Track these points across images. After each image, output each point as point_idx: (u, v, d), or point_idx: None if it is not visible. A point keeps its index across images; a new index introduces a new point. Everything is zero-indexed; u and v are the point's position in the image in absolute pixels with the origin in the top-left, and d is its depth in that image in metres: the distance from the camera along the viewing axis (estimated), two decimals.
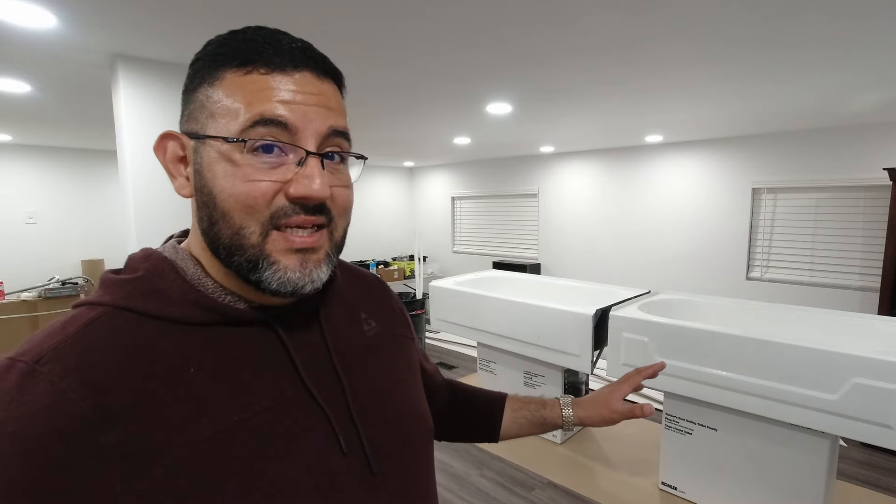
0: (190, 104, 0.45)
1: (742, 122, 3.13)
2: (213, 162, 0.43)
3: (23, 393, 0.36)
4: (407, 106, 2.60)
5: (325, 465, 0.45)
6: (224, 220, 0.43)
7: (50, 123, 3.03)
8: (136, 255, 0.47)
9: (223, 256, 0.44)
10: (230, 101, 0.42)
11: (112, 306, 0.42)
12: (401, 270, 5.41)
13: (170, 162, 0.46)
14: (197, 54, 0.46)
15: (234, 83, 0.42)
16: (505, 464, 2.63)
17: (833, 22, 1.44)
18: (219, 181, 0.42)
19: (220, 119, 0.42)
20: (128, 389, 0.38)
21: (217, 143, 0.42)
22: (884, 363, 1.59)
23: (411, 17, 1.41)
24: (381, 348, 0.57)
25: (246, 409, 0.42)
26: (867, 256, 3.27)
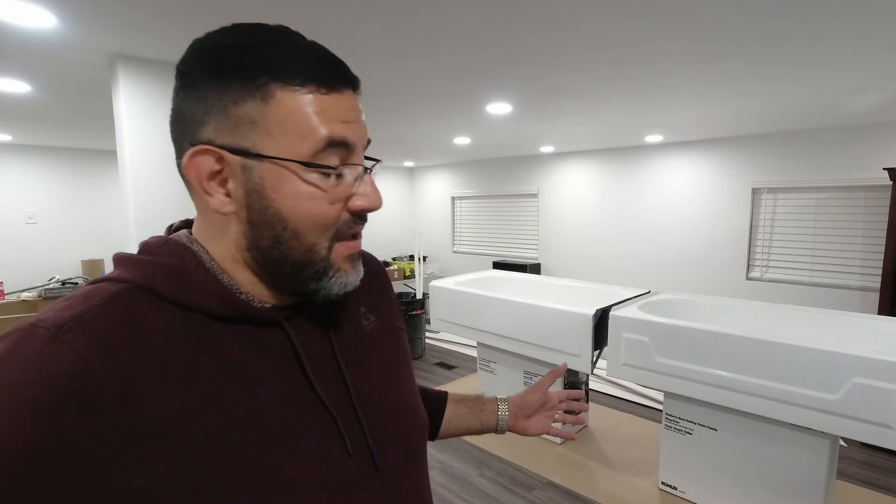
0: (229, 117, 0.42)
1: (742, 122, 3.13)
2: (279, 182, 0.43)
3: (44, 358, 0.36)
4: (407, 106, 2.60)
5: (331, 464, 0.46)
6: (296, 239, 0.44)
7: (50, 123, 3.03)
8: (151, 241, 0.47)
9: (288, 272, 0.46)
10: (292, 122, 0.42)
11: (134, 284, 0.42)
12: (401, 270, 5.41)
13: (205, 179, 0.43)
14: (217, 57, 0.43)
15: (296, 104, 0.42)
16: (505, 464, 2.63)
17: (833, 22, 1.44)
18: (290, 202, 0.43)
19: (282, 139, 0.42)
20: (148, 371, 0.38)
21: (283, 163, 0.42)
22: (884, 363, 1.59)
23: (411, 16, 1.41)
24: (379, 344, 0.57)
25: (255, 404, 0.43)
26: (867, 256, 3.27)
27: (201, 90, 0.42)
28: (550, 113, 2.81)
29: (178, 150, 0.45)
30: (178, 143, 0.45)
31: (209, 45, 0.44)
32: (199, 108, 0.43)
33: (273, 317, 0.46)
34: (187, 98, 0.43)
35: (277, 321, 0.47)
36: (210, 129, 0.42)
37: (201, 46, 0.44)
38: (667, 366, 2.09)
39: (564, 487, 2.39)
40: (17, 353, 0.36)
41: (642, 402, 3.41)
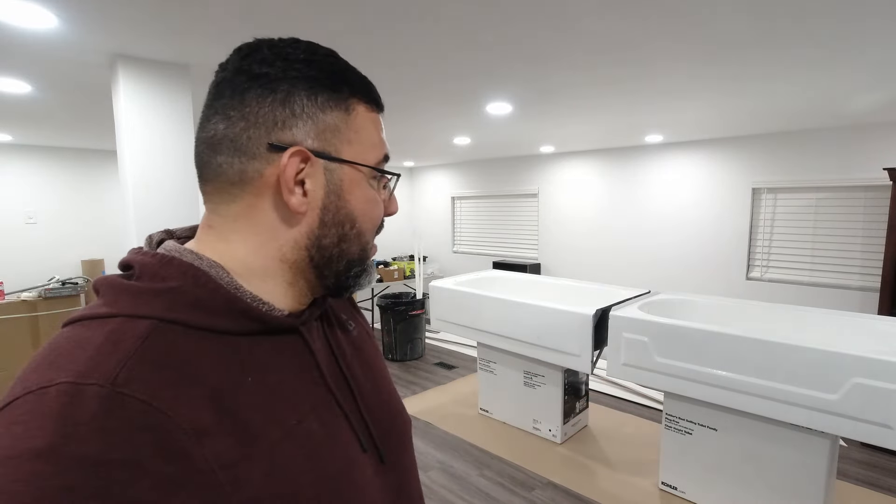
0: (316, 123, 0.46)
1: (742, 122, 3.13)
2: (353, 185, 0.48)
3: (113, 418, 0.34)
4: (407, 106, 2.60)
5: (357, 462, 0.49)
6: (358, 238, 0.49)
7: (50, 123, 3.03)
8: (147, 262, 0.44)
9: (341, 269, 0.50)
10: (366, 134, 0.49)
11: (158, 319, 0.41)
12: (401, 270, 5.41)
13: (292, 178, 0.45)
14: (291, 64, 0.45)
15: (367, 119, 0.49)
16: (505, 464, 2.63)
17: (833, 22, 1.44)
18: (360, 204, 0.49)
19: (358, 147, 0.48)
20: (208, 402, 0.39)
21: (360, 168, 0.48)
22: (884, 363, 1.59)
23: (411, 16, 1.41)
24: (363, 348, 0.60)
25: (296, 412, 0.45)
26: (867, 256, 3.27)
27: (286, 94, 0.45)
28: (550, 113, 2.81)
29: (243, 149, 0.45)
30: (249, 142, 0.45)
31: (287, 52, 0.46)
32: (282, 111, 0.45)
33: (293, 324, 0.48)
34: (269, 100, 0.44)
35: (294, 328, 0.49)
36: (296, 132, 0.45)
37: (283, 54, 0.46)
38: (667, 366, 2.09)
39: (564, 487, 2.39)
40: (79, 419, 0.33)
41: (642, 402, 3.41)
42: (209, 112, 0.46)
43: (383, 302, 4.66)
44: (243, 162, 0.45)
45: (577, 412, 3.00)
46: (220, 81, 0.46)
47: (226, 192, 0.46)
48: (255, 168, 0.45)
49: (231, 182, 0.46)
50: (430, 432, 3.02)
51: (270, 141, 0.44)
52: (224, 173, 0.45)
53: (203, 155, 0.47)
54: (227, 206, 0.46)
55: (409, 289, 5.99)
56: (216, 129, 0.45)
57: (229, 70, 0.46)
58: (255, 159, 0.45)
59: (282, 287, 0.48)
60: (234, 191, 0.46)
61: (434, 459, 2.69)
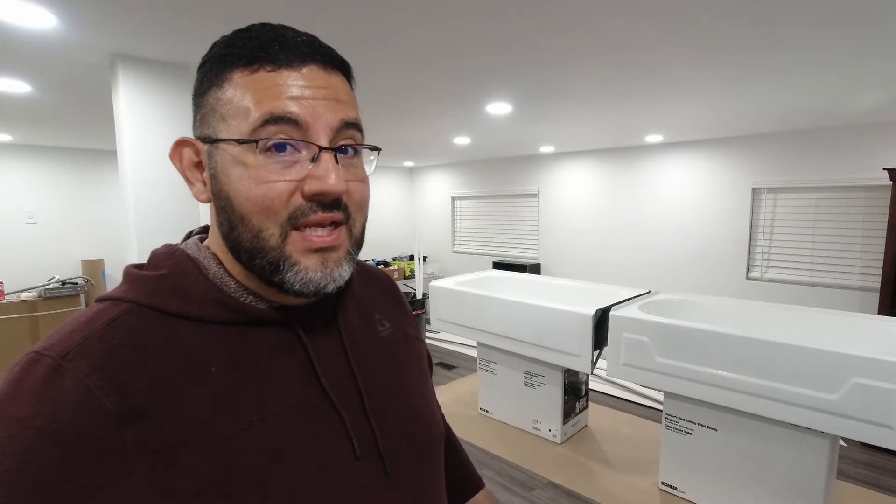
0: (201, 108, 0.45)
1: (742, 122, 3.13)
2: (227, 165, 0.42)
3: (48, 388, 0.36)
4: (407, 106, 2.60)
5: (339, 468, 0.45)
6: (243, 223, 0.42)
7: (50, 123, 3.03)
8: (159, 252, 0.47)
9: (245, 260, 0.44)
10: (239, 101, 0.41)
11: (136, 303, 0.42)
12: (401, 270, 5.41)
13: (186, 168, 0.47)
14: (204, 57, 0.46)
15: (241, 83, 0.42)
16: (505, 464, 2.63)
17: (834, 22, 1.44)
18: (234, 185, 0.42)
19: (231, 121, 0.42)
20: (152, 387, 0.39)
21: (229, 145, 0.42)
22: (884, 363, 1.59)
23: (411, 16, 1.41)
24: (394, 350, 0.57)
25: (265, 409, 0.42)
26: (867, 256, 3.27)
27: (194, 91, 0.47)
28: (550, 113, 2.81)
29: None
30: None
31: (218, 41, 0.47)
32: (195, 108, 0.47)
33: (279, 318, 0.46)
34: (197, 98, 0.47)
35: (288, 322, 0.46)
36: (196, 122, 0.46)
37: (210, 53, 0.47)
38: (667, 366, 2.09)
39: (564, 487, 2.39)
40: (25, 383, 0.37)
41: (642, 402, 3.41)
42: None
43: None
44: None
45: (577, 412, 3.00)
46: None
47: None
48: None
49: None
50: None
51: (196, 133, 0.47)
52: None
53: None
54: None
55: (409, 289, 5.99)
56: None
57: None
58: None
59: (248, 278, 0.47)
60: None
61: None
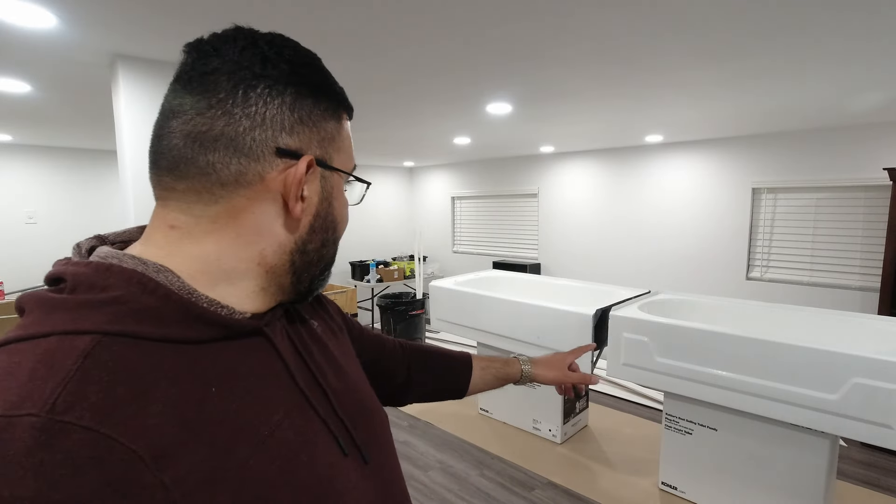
0: (320, 131, 0.47)
1: (742, 122, 3.13)
2: (338, 192, 0.50)
3: (49, 452, 0.30)
4: (407, 106, 2.60)
5: (338, 466, 0.46)
6: (335, 242, 0.51)
7: (50, 123, 3.03)
8: (83, 272, 0.39)
9: (317, 272, 0.50)
10: (348, 144, 0.51)
11: (101, 333, 0.36)
12: (401, 270, 5.41)
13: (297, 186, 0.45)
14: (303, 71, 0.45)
15: (347, 128, 0.51)
16: (505, 464, 2.63)
17: (833, 22, 1.44)
18: (340, 210, 0.51)
19: (344, 155, 0.50)
20: (168, 422, 0.35)
21: (342, 176, 0.50)
22: (884, 363, 1.59)
23: (412, 16, 1.41)
24: (330, 345, 0.58)
25: (268, 421, 0.42)
26: (867, 256, 3.27)
27: (295, 99, 0.45)
28: (550, 113, 2.81)
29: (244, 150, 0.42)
30: (254, 144, 0.43)
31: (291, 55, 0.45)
32: (290, 115, 0.44)
33: (256, 325, 0.45)
34: (273, 101, 0.43)
35: (259, 330, 0.46)
36: (300, 138, 0.45)
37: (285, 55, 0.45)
38: (667, 366, 2.09)
39: (564, 487, 2.39)
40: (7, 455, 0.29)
41: (642, 402, 3.41)
42: (199, 104, 0.42)
43: (383, 302, 4.66)
44: (243, 164, 0.42)
45: (577, 412, 3.00)
46: (211, 71, 0.42)
47: (209, 193, 0.42)
48: (256, 171, 0.43)
49: (222, 182, 0.42)
50: (430, 432, 3.02)
51: (278, 145, 0.43)
52: (216, 173, 0.42)
53: (185, 150, 0.42)
54: (206, 206, 0.43)
55: (409, 289, 5.99)
56: (212, 125, 0.41)
57: (226, 62, 0.42)
58: (258, 162, 0.43)
59: (251, 290, 0.46)
60: (221, 192, 0.43)
61: (434, 459, 2.68)
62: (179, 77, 0.43)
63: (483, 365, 0.90)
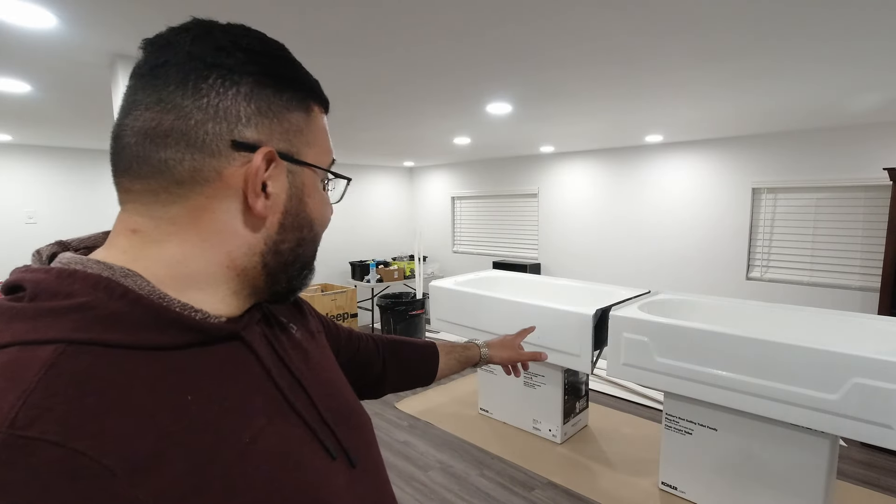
0: (282, 122, 0.43)
1: (742, 122, 3.13)
2: (312, 189, 0.47)
3: (15, 470, 0.28)
4: (407, 105, 2.60)
5: (327, 471, 0.45)
6: (313, 242, 0.49)
7: (50, 123, 3.03)
8: (44, 278, 0.37)
9: (295, 273, 0.48)
10: (323, 137, 0.49)
11: (65, 342, 0.34)
12: (401, 270, 5.41)
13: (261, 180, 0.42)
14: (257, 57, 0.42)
15: (320, 119, 0.49)
16: (505, 464, 2.63)
17: (834, 22, 1.44)
18: (317, 207, 0.48)
19: (316, 149, 0.47)
20: (143, 432, 0.33)
21: (315, 171, 0.47)
22: (884, 363, 1.59)
23: (412, 16, 1.41)
24: (309, 348, 0.57)
25: (250, 427, 0.40)
26: (867, 256, 3.27)
27: (252, 89, 0.42)
28: (550, 113, 2.81)
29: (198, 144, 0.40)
30: (207, 138, 0.40)
31: (249, 44, 0.43)
32: (247, 106, 0.41)
33: (234, 330, 0.44)
34: (227, 92, 0.40)
35: (236, 334, 0.44)
36: (260, 130, 0.42)
37: (241, 44, 0.42)
38: (667, 366, 2.09)
39: (564, 487, 2.39)
40: None
41: (642, 402, 3.41)
42: (148, 98, 0.40)
43: (383, 302, 4.66)
44: (198, 159, 0.40)
45: (577, 412, 3.00)
46: (161, 64, 0.40)
47: (166, 192, 0.40)
48: (213, 167, 0.40)
49: (177, 181, 0.40)
50: (430, 432, 3.01)
51: (234, 138, 0.40)
52: (169, 171, 0.39)
53: (137, 148, 0.40)
54: (164, 207, 0.40)
55: (409, 289, 5.99)
56: (161, 119, 0.39)
57: (177, 53, 0.40)
58: (214, 157, 0.40)
59: (223, 296, 0.44)
60: (178, 191, 0.40)
61: (434, 459, 2.68)
62: (133, 73, 0.41)
63: (447, 350, 0.96)
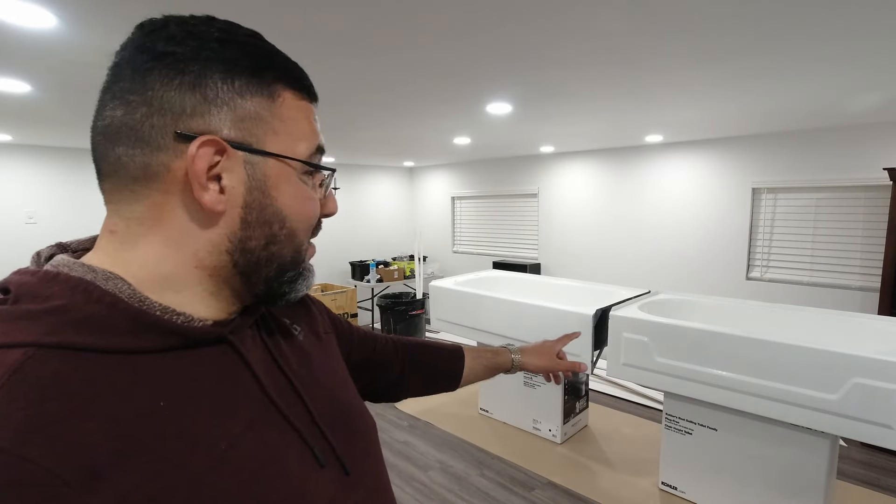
0: (234, 110, 0.40)
1: (742, 122, 3.13)
2: (281, 181, 0.43)
3: None
4: (407, 106, 2.60)
5: (314, 480, 0.44)
6: (290, 239, 0.45)
7: (50, 123, 3.03)
8: (29, 281, 0.38)
9: (272, 274, 0.44)
10: (296, 124, 0.44)
11: (35, 345, 0.34)
12: (401, 270, 5.41)
13: (204, 173, 0.39)
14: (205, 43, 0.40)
15: (294, 106, 0.44)
16: (505, 464, 2.63)
17: (834, 22, 1.44)
18: (290, 201, 0.44)
19: (285, 138, 0.43)
20: (106, 439, 0.33)
21: (283, 162, 0.43)
22: (884, 363, 1.58)
23: (413, 15, 1.41)
24: (313, 352, 0.56)
25: (228, 434, 0.39)
26: (867, 256, 3.27)
27: (197, 77, 0.39)
28: (550, 113, 2.81)
29: (145, 139, 0.39)
30: (153, 131, 0.39)
31: (204, 32, 0.40)
32: (192, 95, 0.39)
33: (219, 333, 0.42)
34: (171, 82, 0.39)
35: (223, 338, 0.43)
36: (209, 120, 0.39)
37: (195, 32, 0.40)
38: (667, 366, 2.09)
39: (564, 487, 2.39)
40: None
41: (642, 402, 3.41)
42: (105, 96, 0.40)
43: (383, 302, 4.66)
44: (146, 154, 0.39)
45: (577, 412, 3.00)
46: (118, 62, 0.41)
47: (128, 190, 0.40)
48: (161, 161, 0.39)
49: (133, 178, 0.39)
50: (430, 432, 3.02)
51: (178, 130, 0.39)
52: (124, 167, 0.39)
53: (99, 147, 0.40)
54: (129, 206, 0.40)
55: (409, 289, 5.99)
56: (113, 115, 0.39)
57: (129, 48, 0.40)
58: (161, 151, 0.39)
59: (201, 297, 0.43)
60: (137, 188, 0.40)
61: (434, 459, 2.68)
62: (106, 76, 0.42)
63: (474, 355, 0.90)
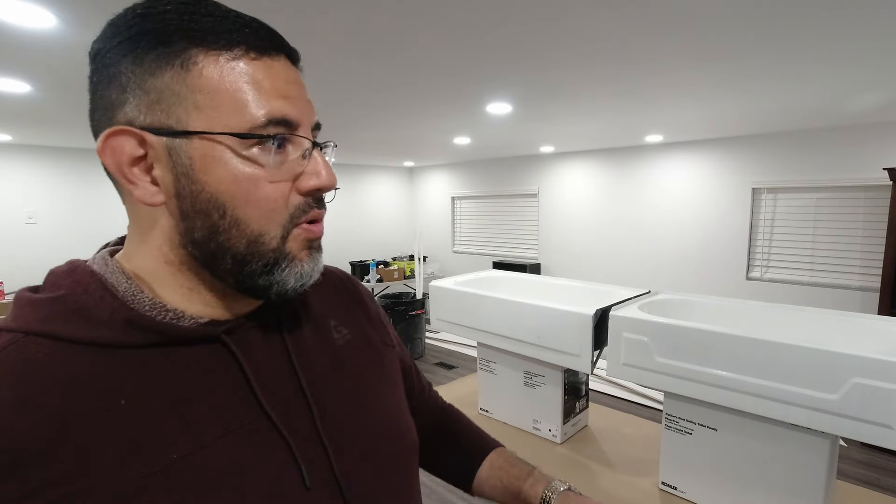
0: (147, 92, 0.36)
1: (742, 122, 3.13)
2: (212, 163, 0.37)
3: None
4: (407, 106, 2.60)
5: (287, 498, 0.40)
6: (237, 228, 0.39)
7: (50, 123, 3.03)
8: (58, 270, 0.40)
9: (230, 266, 0.40)
10: (227, 92, 0.37)
11: (24, 332, 0.36)
12: (401, 270, 5.41)
13: (126, 166, 0.37)
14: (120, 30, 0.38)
15: (221, 70, 0.37)
16: None
17: (834, 22, 1.44)
18: (226, 186, 0.38)
19: (211, 112, 0.37)
20: (44, 430, 0.33)
21: (215, 141, 0.37)
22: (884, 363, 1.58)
23: (411, 16, 1.41)
24: (353, 359, 0.51)
25: (190, 442, 0.37)
26: (867, 256, 3.27)
27: (114, 67, 0.37)
28: (550, 113, 2.81)
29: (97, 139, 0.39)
30: (98, 131, 0.39)
31: (120, 18, 0.38)
32: (113, 88, 0.37)
33: (207, 333, 0.40)
34: (101, 80, 0.38)
35: (216, 337, 0.41)
36: (128, 109, 0.37)
37: (114, 21, 0.39)
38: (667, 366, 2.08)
39: None
40: None
41: (642, 402, 3.41)
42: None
43: (383, 302, 4.66)
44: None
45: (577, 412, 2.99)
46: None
47: (117, 185, 0.41)
48: None
49: (110, 176, 0.40)
50: None
51: (105, 126, 0.38)
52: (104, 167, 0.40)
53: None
54: (123, 199, 0.42)
55: (409, 289, 5.99)
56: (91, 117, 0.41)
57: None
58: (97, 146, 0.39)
59: (182, 294, 0.41)
60: (117, 187, 0.41)
61: None
62: None
63: (499, 464, 0.67)
